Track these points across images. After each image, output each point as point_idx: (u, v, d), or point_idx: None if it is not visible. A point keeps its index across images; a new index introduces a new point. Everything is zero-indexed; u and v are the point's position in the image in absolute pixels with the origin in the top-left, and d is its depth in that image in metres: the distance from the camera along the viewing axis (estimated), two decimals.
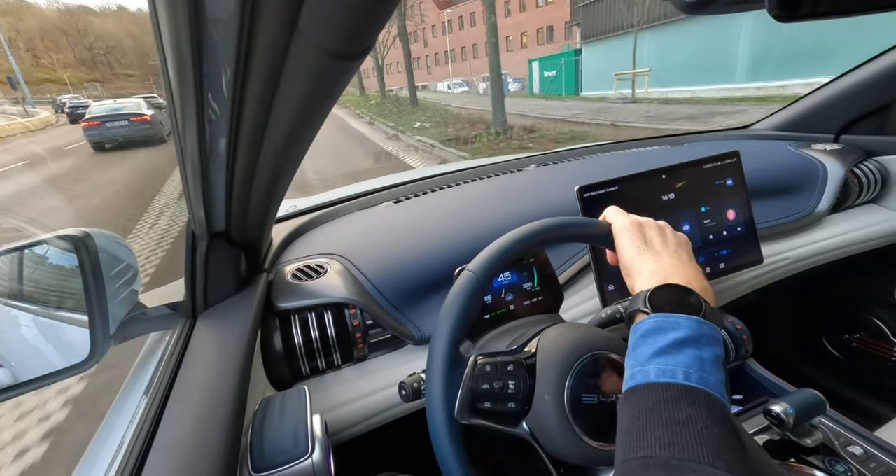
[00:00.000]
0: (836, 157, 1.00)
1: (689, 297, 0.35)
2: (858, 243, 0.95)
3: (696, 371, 0.31)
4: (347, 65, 0.28)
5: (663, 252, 0.42)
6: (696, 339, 0.33)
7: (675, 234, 0.45)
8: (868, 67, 0.96)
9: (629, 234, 0.43)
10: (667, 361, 0.32)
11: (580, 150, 1.19)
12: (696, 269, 0.41)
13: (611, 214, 0.48)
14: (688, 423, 0.28)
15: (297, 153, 0.40)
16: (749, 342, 0.79)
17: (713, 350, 0.33)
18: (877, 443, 0.64)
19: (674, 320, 0.34)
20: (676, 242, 0.44)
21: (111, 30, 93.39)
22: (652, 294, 0.36)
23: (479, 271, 0.41)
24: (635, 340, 0.35)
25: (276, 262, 0.69)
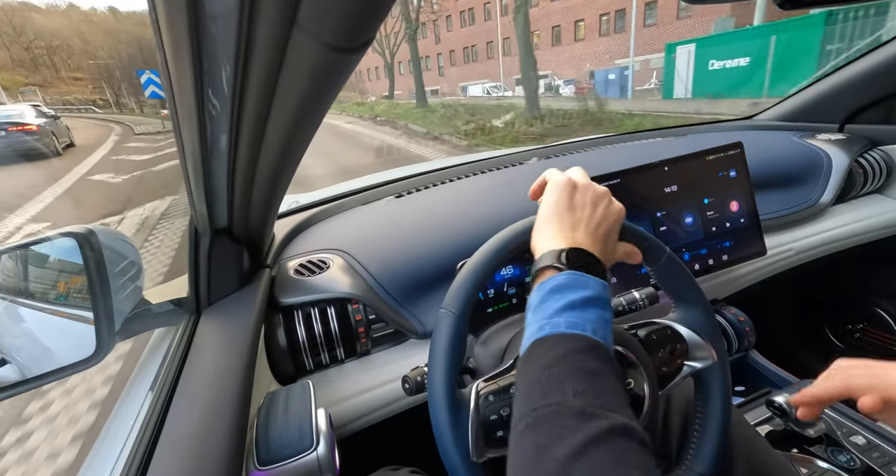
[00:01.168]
0: (841, 147, 0.99)
1: (598, 267, 0.37)
2: (863, 234, 0.95)
3: (601, 329, 0.33)
4: (348, 58, 0.28)
5: (582, 221, 0.41)
6: (601, 300, 0.34)
7: (609, 206, 0.43)
8: (873, 56, 0.95)
9: (557, 191, 0.43)
10: (576, 316, 0.33)
11: (582, 142, 1.18)
12: (606, 246, 0.41)
13: (549, 172, 0.47)
14: (598, 374, 0.30)
15: (299, 148, 0.40)
16: (752, 334, 0.79)
17: (611, 314, 0.35)
18: (879, 432, 0.64)
19: (585, 279, 0.35)
20: (603, 215, 0.42)
21: (56, 28, 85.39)
22: (569, 253, 0.37)
23: (454, 308, 0.41)
24: (543, 295, 0.35)
25: (279, 258, 0.69)
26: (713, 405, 0.47)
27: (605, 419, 0.27)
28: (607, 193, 0.45)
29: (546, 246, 0.39)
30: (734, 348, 0.80)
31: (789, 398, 0.56)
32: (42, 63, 73.18)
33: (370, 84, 37.20)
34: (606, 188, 0.45)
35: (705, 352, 0.46)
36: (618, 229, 0.44)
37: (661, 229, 0.74)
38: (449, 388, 0.39)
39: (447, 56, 29.96)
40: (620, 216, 0.44)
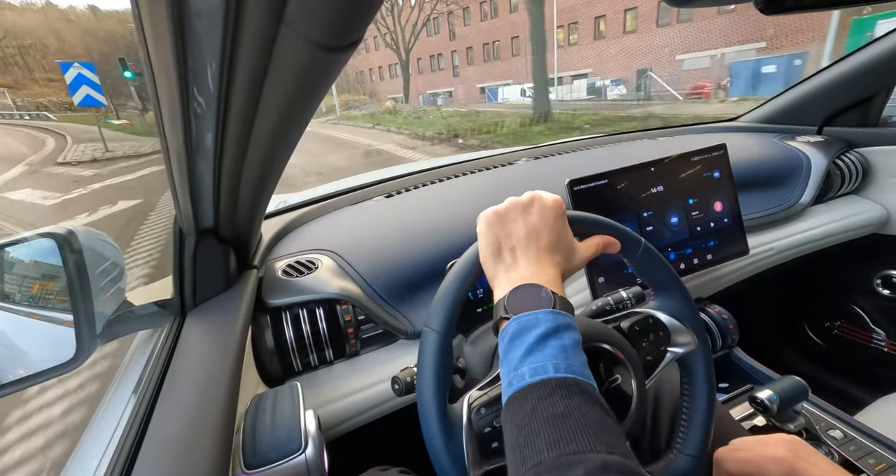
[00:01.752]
0: (820, 148, 1.02)
1: (541, 293, 0.36)
2: (840, 233, 0.97)
3: (562, 360, 0.32)
4: (336, 57, 0.28)
5: (515, 250, 0.40)
6: (555, 330, 0.34)
7: (539, 214, 0.41)
8: (850, 60, 0.98)
9: (486, 236, 0.41)
10: (536, 359, 0.33)
11: (571, 143, 1.19)
12: (543, 260, 0.40)
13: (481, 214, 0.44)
14: (566, 416, 0.30)
15: (287, 147, 0.39)
16: (735, 331, 0.81)
17: (571, 336, 0.34)
18: (856, 426, 0.66)
19: (533, 317, 0.35)
20: (533, 230, 0.40)
21: (30, 26, 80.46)
22: (509, 299, 0.37)
23: (437, 326, 0.40)
24: (504, 346, 0.35)
25: (266, 259, 0.68)
26: (699, 388, 0.48)
27: (579, 466, 0.27)
28: (532, 201, 0.42)
29: (496, 294, 0.39)
30: (718, 346, 0.82)
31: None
32: (12, 63, 69.27)
33: (378, 85, 32.91)
34: (532, 194, 0.43)
35: (687, 337, 0.47)
36: (561, 227, 0.42)
37: (647, 229, 0.76)
38: (440, 408, 0.38)
39: (463, 54, 25.63)
40: (556, 214, 0.41)
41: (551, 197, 0.42)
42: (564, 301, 0.37)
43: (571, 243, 0.42)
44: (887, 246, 1.03)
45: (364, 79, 35.38)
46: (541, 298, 0.36)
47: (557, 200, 0.42)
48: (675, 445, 0.48)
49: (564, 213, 0.42)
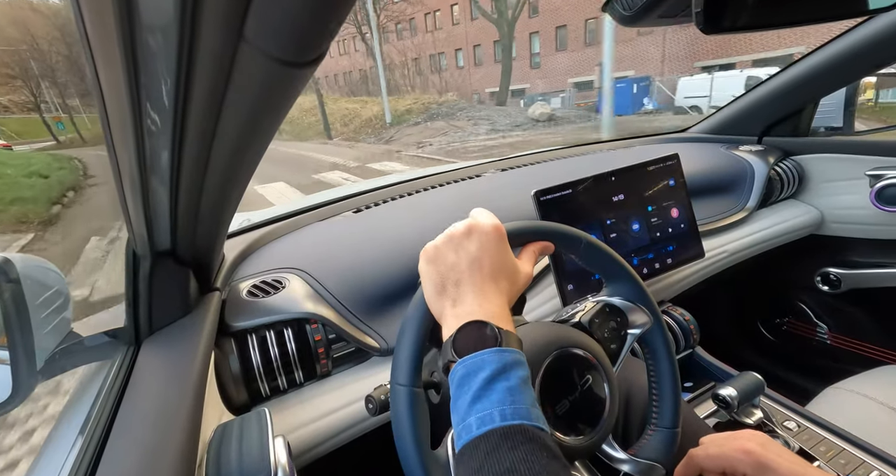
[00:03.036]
0: (760, 157, 1.10)
1: (485, 330, 0.36)
2: (783, 235, 1.05)
3: (509, 405, 0.32)
4: (299, 72, 0.27)
5: (459, 285, 0.39)
6: (501, 370, 0.34)
7: (480, 238, 0.40)
8: (783, 75, 1.07)
9: (429, 273, 0.40)
10: (483, 406, 0.32)
11: (536, 155, 1.23)
12: (488, 291, 0.39)
13: (422, 252, 0.43)
14: (512, 471, 0.29)
15: (249, 165, 0.38)
16: (696, 332, 0.85)
17: (518, 374, 0.34)
18: (807, 416, 0.71)
19: (479, 359, 0.34)
20: (473, 260, 0.39)
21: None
22: (455, 340, 0.36)
23: (404, 380, 0.39)
24: (454, 392, 0.35)
25: (230, 280, 0.65)
26: (662, 361, 0.50)
27: None
28: (471, 230, 0.41)
29: (444, 333, 0.38)
30: (682, 346, 0.86)
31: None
32: None
33: (453, 74, 21.94)
34: (470, 223, 0.41)
35: (643, 316, 0.49)
36: (503, 250, 0.41)
37: (611, 236, 0.78)
38: (423, 461, 0.37)
39: (548, 37, 17.24)
40: (496, 239, 0.41)
41: (489, 222, 0.42)
42: (510, 335, 0.36)
43: (514, 265, 0.42)
44: (823, 245, 1.12)
45: (424, 65, 23.29)
46: (486, 336, 0.35)
47: (495, 225, 0.42)
48: (650, 422, 0.50)
49: (504, 235, 0.42)
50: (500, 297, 0.39)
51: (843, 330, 1.17)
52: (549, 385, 0.42)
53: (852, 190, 1.05)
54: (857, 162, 1.03)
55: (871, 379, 0.81)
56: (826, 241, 1.12)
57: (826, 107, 1.11)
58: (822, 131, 1.14)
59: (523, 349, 0.42)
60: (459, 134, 11.22)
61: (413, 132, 12.38)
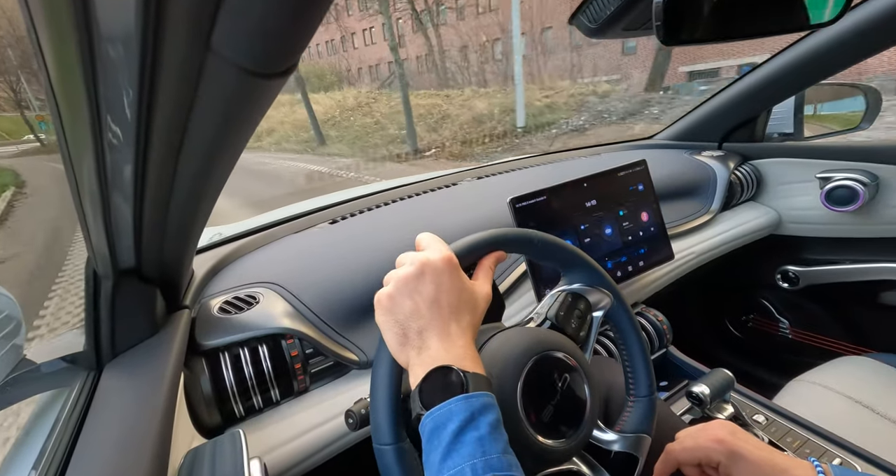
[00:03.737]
0: (721, 161, 1.15)
1: (451, 377, 0.35)
2: (745, 235, 1.10)
3: (480, 458, 0.31)
4: (270, 83, 0.27)
5: (423, 327, 0.37)
6: (469, 419, 0.33)
7: (433, 276, 0.38)
8: (739, 84, 1.13)
9: (388, 325, 0.39)
10: (454, 462, 0.31)
11: (511, 163, 1.25)
12: (451, 330, 0.38)
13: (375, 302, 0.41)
14: None
15: (219, 178, 0.37)
16: (669, 331, 0.88)
17: (487, 419, 0.33)
18: (774, 409, 0.74)
19: (446, 410, 0.33)
20: (431, 303, 0.38)
21: None
22: (421, 391, 0.35)
23: (387, 439, 0.38)
24: (424, 445, 0.34)
25: (200, 297, 0.63)
26: (628, 335, 0.52)
27: None
28: (422, 269, 0.39)
29: (411, 383, 0.37)
30: (656, 346, 0.88)
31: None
32: None
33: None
34: (420, 261, 0.39)
35: (602, 296, 0.51)
36: (458, 282, 0.39)
37: (585, 241, 0.80)
38: None
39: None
40: (449, 272, 0.39)
41: (439, 255, 0.40)
42: (477, 378, 0.35)
43: (471, 293, 0.41)
44: (782, 244, 1.19)
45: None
46: (452, 384, 0.34)
47: (445, 257, 0.40)
48: (629, 394, 0.52)
49: (456, 265, 0.40)
50: (465, 336, 0.38)
51: (802, 325, 1.23)
52: (531, 391, 0.42)
53: (805, 192, 1.11)
54: (808, 165, 1.10)
55: (830, 370, 0.85)
56: (784, 241, 1.18)
57: (778, 114, 1.18)
58: (776, 137, 1.21)
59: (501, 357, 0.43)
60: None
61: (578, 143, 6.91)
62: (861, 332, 1.15)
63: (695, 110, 1.28)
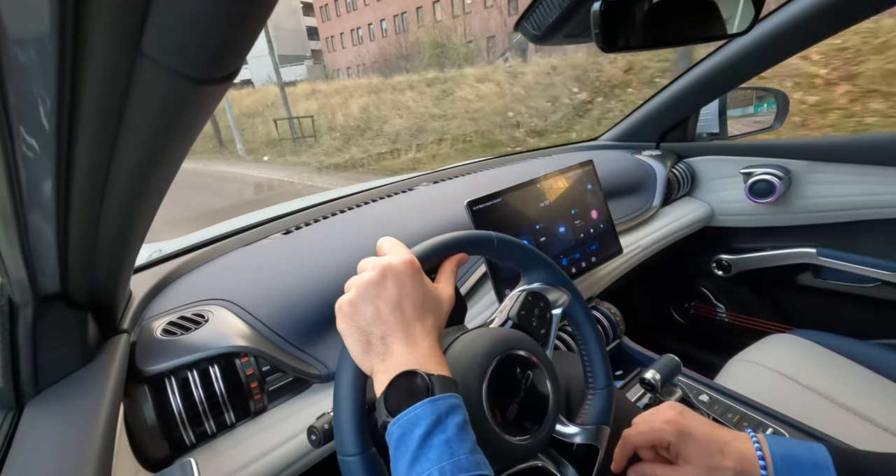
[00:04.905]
0: (660, 160, 1.24)
1: (416, 381, 0.34)
2: (684, 228, 1.19)
3: (448, 460, 0.31)
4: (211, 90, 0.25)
5: (387, 332, 0.37)
6: (436, 422, 0.33)
7: (395, 280, 0.38)
8: (671, 88, 1.22)
9: (350, 332, 0.38)
10: (423, 467, 0.31)
11: (466, 166, 1.27)
12: (415, 333, 0.37)
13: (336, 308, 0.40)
14: None
15: (157, 191, 0.34)
16: (622, 323, 0.92)
17: (454, 421, 0.33)
18: (717, 389, 0.80)
19: (413, 416, 0.33)
20: (393, 308, 0.37)
21: None
22: (386, 398, 0.34)
23: (353, 449, 0.36)
24: (392, 453, 0.33)
25: (140, 319, 0.58)
26: (585, 329, 0.53)
27: None
28: (384, 273, 0.38)
29: (376, 390, 0.36)
30: (611, 337, 0.92)
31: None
32: None
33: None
34: (382, 265, 0.38)
35: (560, 294, 0.52)
36: (420, 284, 0.39)
37: (541, 240, 0.83)
38: None
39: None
40: (411, 275, 0.39)
41: (401, 258, 0.39)
42: (442, 380, 0.35)
43: (435, 295, 0.41)
44: (715, 235, 1.29)
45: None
46: (417, 388, 0.34)
47: (406, 260, 0.39)
48: (588, 387, 0.54)
49: (418, 268, 0.40)
50: (429, 337, 0.38)
51: (737, 308, 1.35)
52: (496, 391, 0.42)
53: (732, 186, 1.22)
54: (733, 162, 1.21)
55: (761, 349, 0.94)
56: (717, 232, 1.29)
57: (705, 116, 1.29)
58: (705, 136, 1.32)
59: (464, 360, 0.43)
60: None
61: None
62: (785, 312, 1.27)
63: (633, 113, 1.36)
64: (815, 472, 0.40)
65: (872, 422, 0.75)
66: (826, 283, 1.15)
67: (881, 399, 0.78)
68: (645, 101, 1.31)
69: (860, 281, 1.09)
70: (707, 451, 0.44)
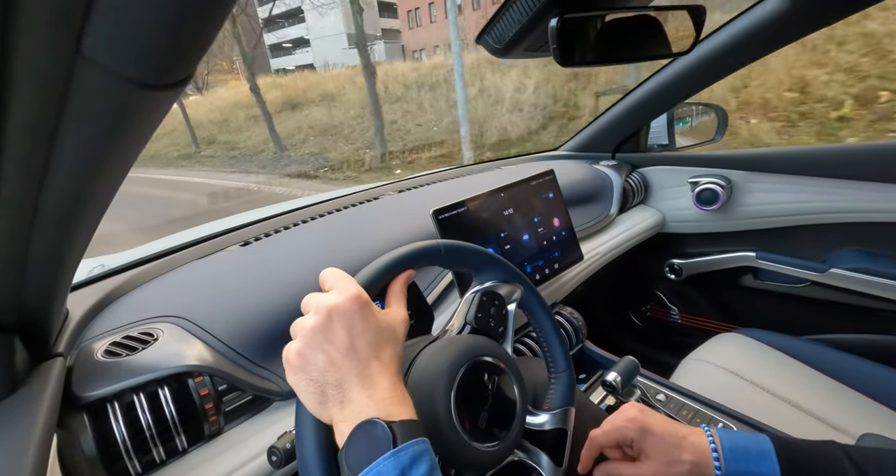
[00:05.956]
0: (615, 170, 1.30)
1: (376, 432, 0.32)
2: (639, 235, 1.25)
3: None
4: (163, 95, 0.24)
5: (341, 380, 0.34)
6: (398, 471, 0.31)
7: (343, 321, 0.35)
8: (624, 101, 1.29)
9: (302, 385, 0.35)
10: None
11: (430, 176, 1.27)
12: (373, 374, 0.35)
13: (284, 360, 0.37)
14: None
15: (99, 203, 0.32)
16: (584, 327, 0.95)
17: (419, 472, 0.32)
18: (672, 387, 0.84)
19: (374, 474, 0.31)
20: (346, 347, 0.35)
21: None
22: (346, 454, 0.32)
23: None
24: None
25: (79, 341, 0.53)
26: (540, 318, 0.54)
27: None
28: (330, 315, 0.35)
29: (337, 441, 0.34)
30: (574, 342, 0.95)
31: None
32: None
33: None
34: (326, 307, 0.36)
35: (512, 288, 0.53)
36: (371, 319, 0.37)
37: (506, 247, 0.84)
38: None
39: None
40: (360, 310, 0.36)
41: (346, 295, 0.36)
42: (405, 425, 0.33)
43: (388, 325, 0.38)
44: (668, 241, 1.37)
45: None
46: (378, 440, 0.32)
47: (352, 295, 0.36)
48: (550, 372, 0.55)
49: (366, 301, 0.37)
50: (387, 374, 0.36)
51: (688, 310, 1.43)
52: (464, 401, 0.42)
53: (681, 195, 1.30)
54: (681, 172, 1.29)
55: (710, 348, 1.00)
56: (669, 238, 1.36)
57: (655, 128, 1.37)
58: (656, 147, 1.40)
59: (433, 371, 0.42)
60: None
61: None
62: (731, 312, 1.36)
63: (590, 125, 1.43)
64: (760, 459, 0.43)
65: (807, 412, 0.81)
66: (765, 284, 1.25)
67: (814, 390, 0.86)
68: (601, 113, 1.38)
69: (793, 281, 1.18)
70: (666, 445, 0.47)
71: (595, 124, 1.41)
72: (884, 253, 1.04)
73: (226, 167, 11.05)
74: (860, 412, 0.81)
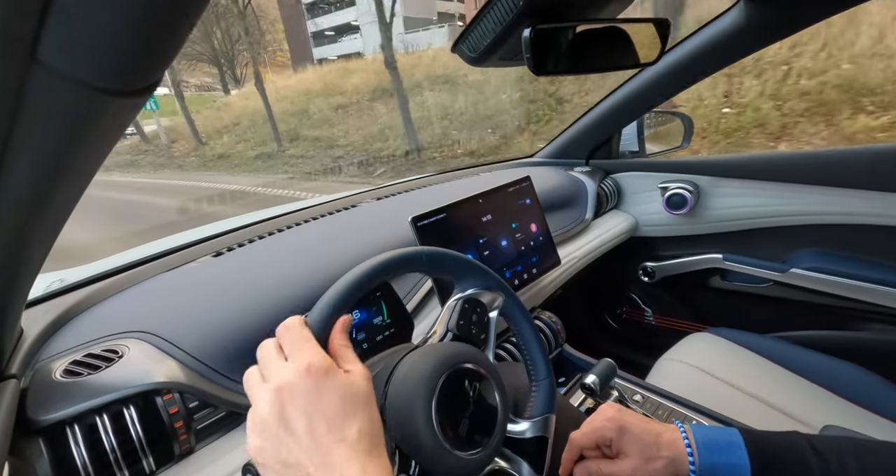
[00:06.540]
0: (590, 176, 1.33)
1: None
2: (613, 239, 1.28)
3: None
4: (127, 102, 0.23)
5: (312, 470, 0.31)
6: None
7: (302, 401, 0.32)
8: (596, 109, 1.33)
9: (266, 467, 0.32)
10: None
11: (408, 183, 1.27)
12: (340, 451, 0.31)
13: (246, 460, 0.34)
14: None
15: (57, 215, 0.30)
16: (562, 331, 0.97)
17: None
18: (648, 388, 0.86)
19: None
20: (308, 431, 0.31)
21: None
22: None
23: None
24: None
25: (34, 360, 0.50)
26: (521, 325, 0.55)
27: None
28: (282, 399, 0.32)
29: None
30: (553, 345, 0.96)
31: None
32: None
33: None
34: (277, 389, 0.32)
35: (494, 295, 0.53)
36: (330, 389, 0.33)
37: (485, 253, 0.84)
38: None
39: None
40: (316, 383, 0.32)
41: (298, 369, 0.33)
42: None
43: (349, 387, 0.34)
44: (641, 245, 1.41)
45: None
46: None
47: (304, 367, 0.33)
48: (531, 380, 0.55)
49: (323, 371, 0.33)
50: (356, 459, 0.31)
51: (662, 311, 1.47)
52: (446, 409, 0.42)
53: (652, 199, 1.34)
54: (652, 178, 1.33)
55: (683, 348, 1.03)
56: (642, 241, 1.41)
57: (626, 135, 1.42)
58: (627, 154, 1.45)
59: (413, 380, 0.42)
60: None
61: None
62: (701, 313, 1.41)
63: (565, 132, 1.46)
64: (731, 451, 0.46)
65: (773, 406, 0.85)
66: (732, 284, 1.30)
67: (778, 386, 0.90)
68: (574, 120, 1.41)
69: (758, 282, 1.24)
70: (643, 443, 0.48)
71: (569, 132, 1.44)
72: (839, 253, 1.10)
73: (342, 175, 8.19)
74: (821, 405, 0.85)
